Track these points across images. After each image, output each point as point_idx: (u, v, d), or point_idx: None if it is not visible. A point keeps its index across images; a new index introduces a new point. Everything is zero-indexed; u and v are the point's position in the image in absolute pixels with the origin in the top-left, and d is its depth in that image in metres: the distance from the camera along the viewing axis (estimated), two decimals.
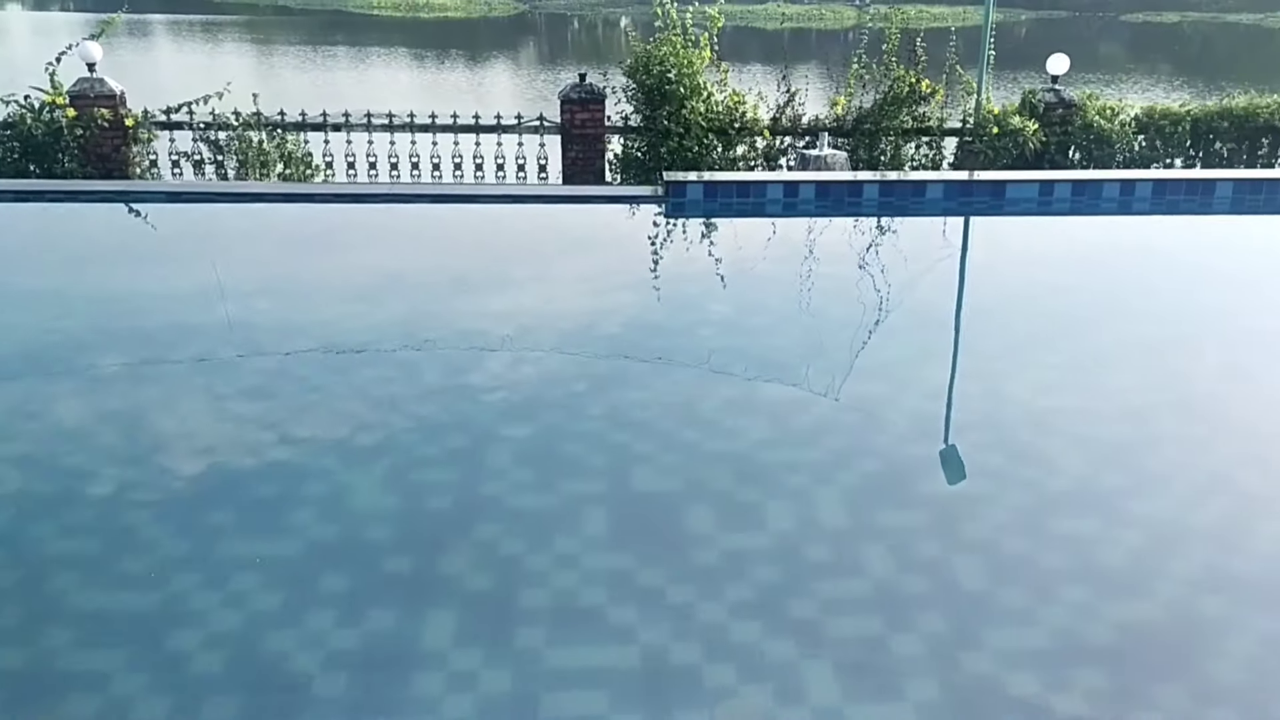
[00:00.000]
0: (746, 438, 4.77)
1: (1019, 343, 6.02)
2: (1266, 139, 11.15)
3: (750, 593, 3.61)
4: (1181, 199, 8.32)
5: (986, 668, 3.28)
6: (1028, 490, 4.33)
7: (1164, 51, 43.35)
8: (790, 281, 6.99)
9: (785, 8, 52.43)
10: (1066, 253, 7.88)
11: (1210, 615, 3.54)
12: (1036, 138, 10.49)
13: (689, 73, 10.50)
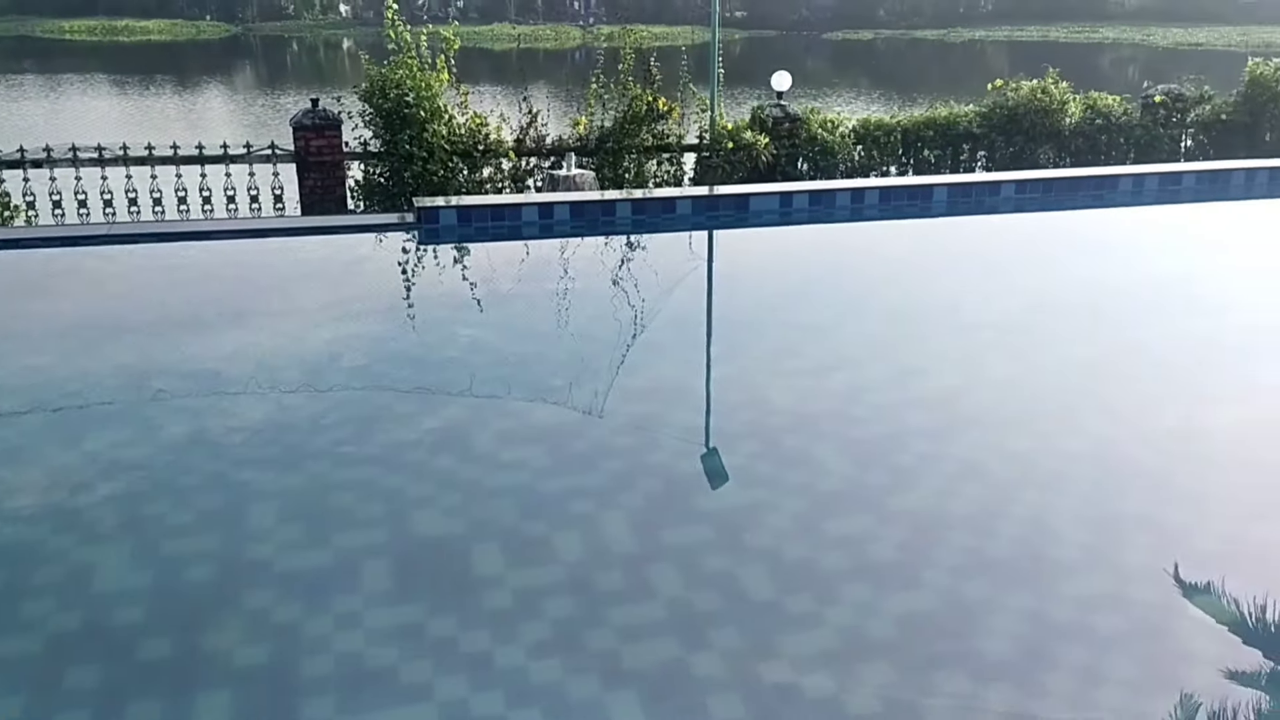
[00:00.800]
0: (526, 468, 4.67)
1: (774, 350, 6.25)
2: (967, 145, 12.23)
3: (547, 630, 3.51)
4: (905, 203, 8.96)
5: (784, 675, 3.34)
6: (801, 495, 4.47)
7: (863, 66, 46.80)
8: (551, 303, 6.95)
9: (511, 29, 52.72)
10: (808, 259, 8.29)
11: (976, 598, 3.77)
12: (768, 151, 11.01)
13: (428, 95, 10.29)
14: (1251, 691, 3.27)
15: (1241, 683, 3.29)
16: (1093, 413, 5.37)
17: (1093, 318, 6.79)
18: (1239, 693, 3.25)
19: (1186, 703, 3.17)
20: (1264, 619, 3.56)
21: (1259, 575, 3.87)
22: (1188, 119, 12.68)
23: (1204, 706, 3.16)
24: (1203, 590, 3.76)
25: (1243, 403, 5.42)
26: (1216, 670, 3.36)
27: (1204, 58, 32.40)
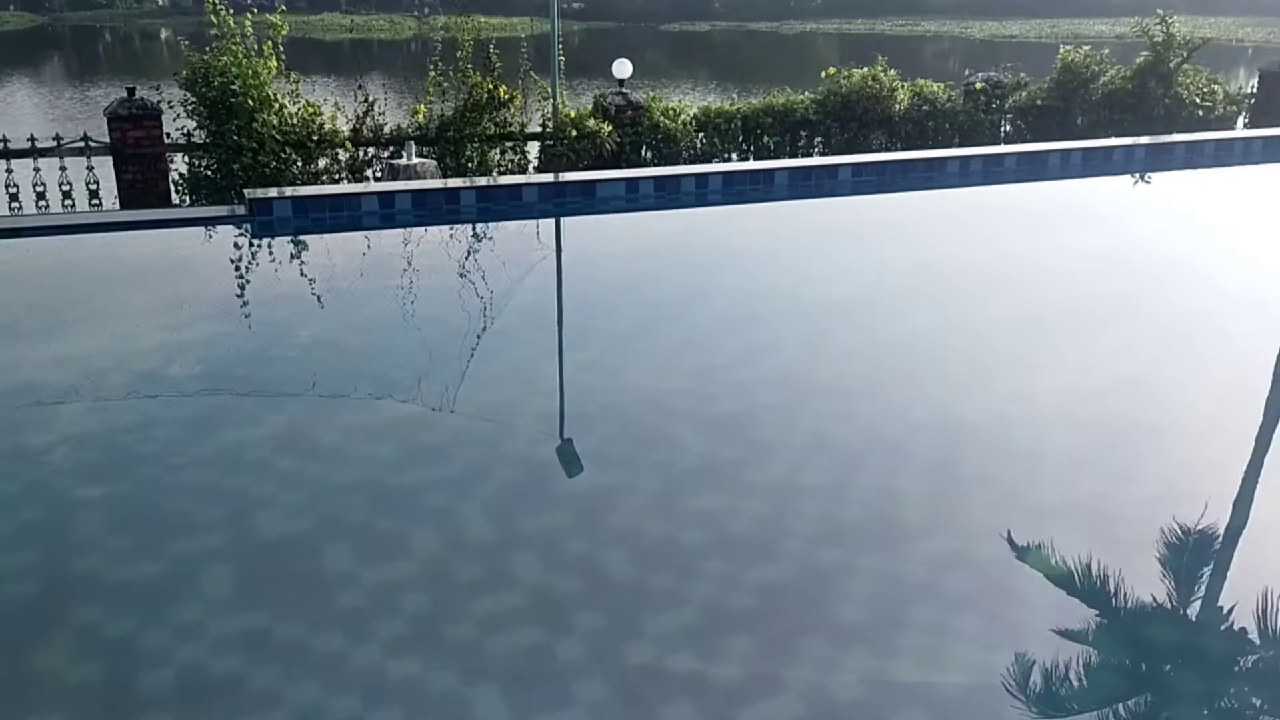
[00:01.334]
0: (376, 463, 4.51)
1: (626, 333, 6.25)
2: (804, 131, 12.53)
3: (404, 626, 3.40)
4: (748, 188, 9.11)
5: (648, 655, 3.33)
6: (659, 474, 4.48)
7: (700, 57, 47.48)
8: (397, 296, 6.76)
9: (344, 18, 51.12)
10: (656, 244, 8.33)
11: (831, 565, 3.84)
12: (612, 139, 11.02)
13: (255, 84, 9.85)
14: (1080, 646, 3.44)
15: (1073, 638, 3.46)
16: (933, 382, 5.57)
17: (929, 292, 7.05)
18: (1071, 647, 3.41)
19: (1022, 660, 3.31)
20: (1090, 575, 3.76)
21: (1088, 532, 4.08)
22: (1006, 105, 13.34)
23: (1039, 663, 3.31)
24: (1038, 548, 3.94)
25: (1072, 370, 5.72)
26: (1051, 625, 3.53)
27: (1017, 48, 34.20)
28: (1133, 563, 3.85)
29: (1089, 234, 8.70)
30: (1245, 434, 4.93)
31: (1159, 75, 13.51)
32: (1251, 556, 4.02)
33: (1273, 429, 5.04)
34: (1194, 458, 4.78)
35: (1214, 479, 4.52)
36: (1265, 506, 4.29)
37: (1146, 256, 8.12)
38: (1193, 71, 14.01)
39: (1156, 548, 3.96)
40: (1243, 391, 5.48)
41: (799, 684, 3.21)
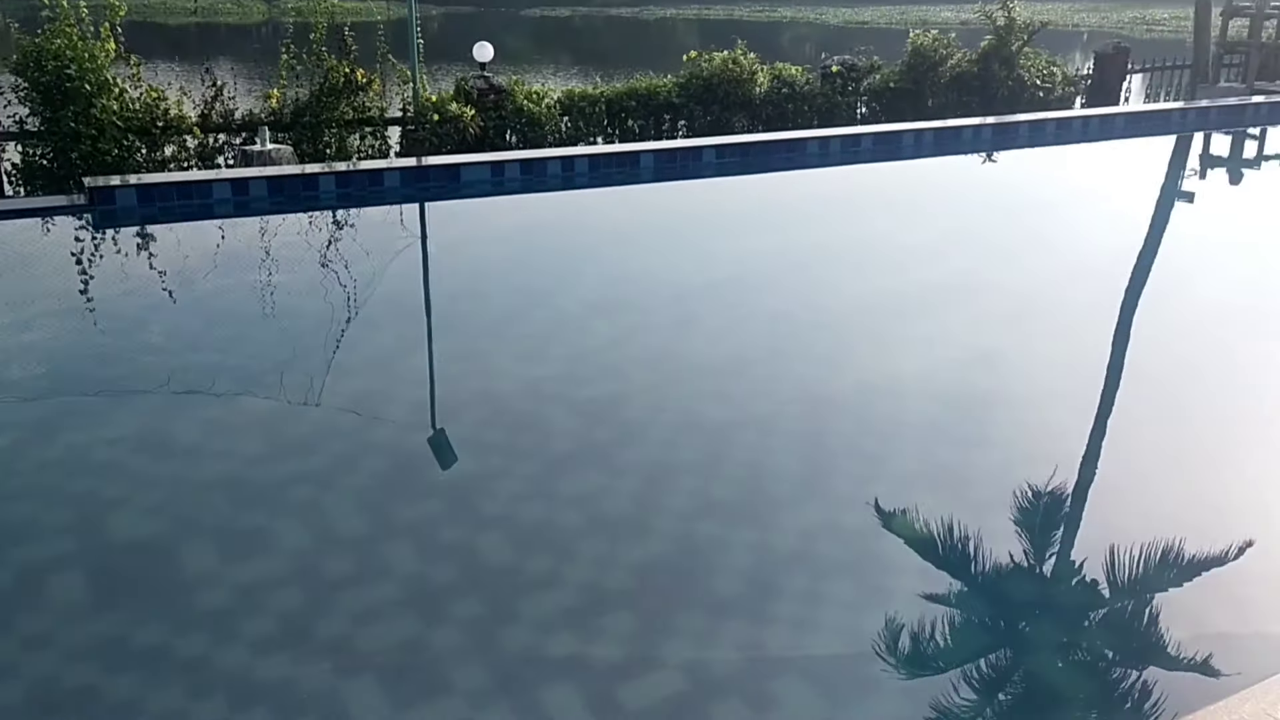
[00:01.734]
0: (237, 458, 4.35)
1: (496, 319, 6.18)
2: (668, 115, 12.59)
3: (272, 625, 3.29)
4: (614, 170, 9.10)
5: (526, 638, 3.31)
6: (533, 458, 4.45)
7: (562, 42, 47.21)
8: (254, 286, 6.51)
9: (187, 1, 48.88)
10: (524, 228, 8.24)
11: (706, 539, 3.89)
12: (475, 123, 10.85)
13: (93, 67, 9.30)
14: (944, 607, 3.57)
15: (937, 600, 3.59)
16: (798, 359, 5.69)
17: (793, 272, 7.19)
18: (935, 608, 3.54)
19: (891, 623, 3.42)
20: (951, 538, 3.90)
21: (949, 498, 4.24)
22: (861, 87, 13.69)
23: (907, 625, 3.42)
24: (902, 514, 4.07)
25: (928, 343, 5.91)
26: (917, 589, 3.65)
27: (870, 34, 35.12)
28: (991, 524, 4.02)
29: (942, 212, 9.02)
30: (1089, 398, 5.19)
31: (1002, 58, 14.07)
32: (1099, 512, 4.24)
33: (1114, 391, 5.33)
34: (1043, 422, 5.00)
35: (1062, 441, 4.75)
36: (1109, 464, 4.54)
37: (994, 232, 8.46)
38: (1033, 54, 14.63)
39: (1011, 509, 4.14)
40: (1086, 358, 5.77)
41: (678, 659, 3.24)
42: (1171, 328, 6.32)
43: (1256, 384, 5.47)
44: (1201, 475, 4.53)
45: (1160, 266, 7.56)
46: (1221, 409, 5.17)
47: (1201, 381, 5.53)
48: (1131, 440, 4.78)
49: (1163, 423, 5.00)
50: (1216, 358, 5.85)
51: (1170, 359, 5.86)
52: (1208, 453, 4.72)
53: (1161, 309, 6.59)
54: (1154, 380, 5.51)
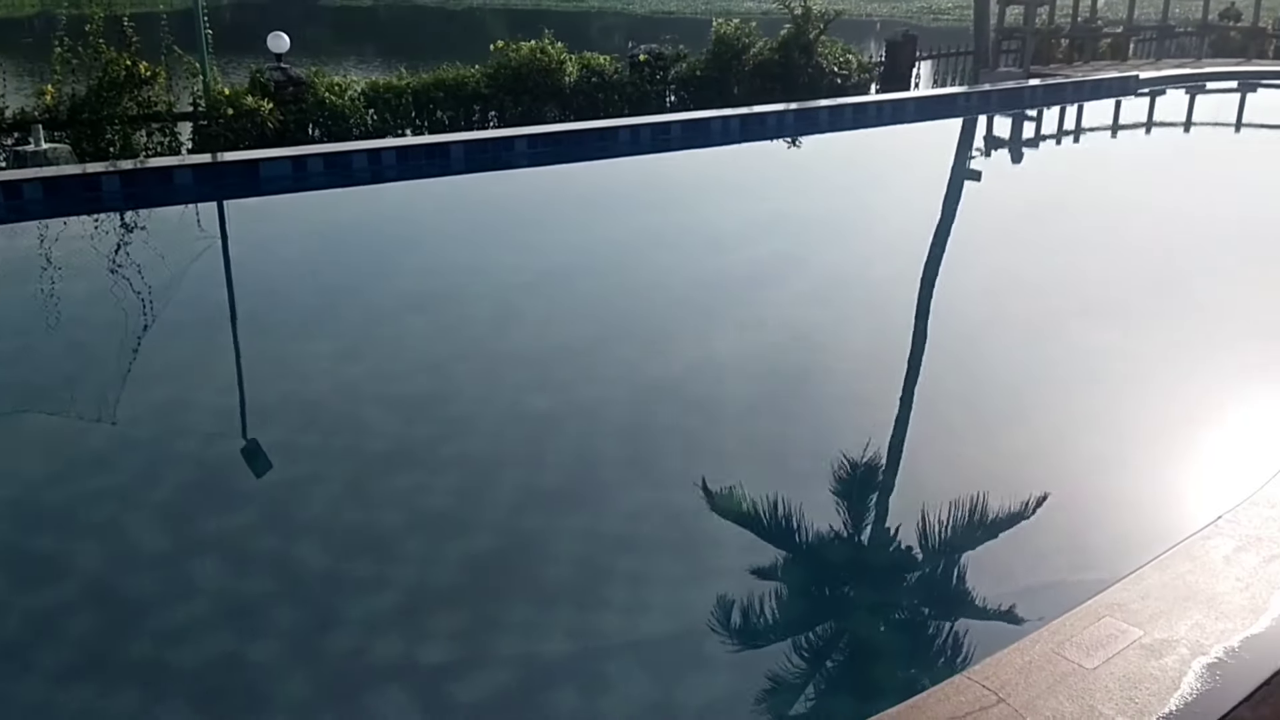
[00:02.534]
0: (20, 481, 4.01)
1: (305, 319, 5.94)
2: (478, 106, 12.42)
3: (71, 653, 3.05)
4: (423, 162, 8.91)
5: (349, 643, 3.19)
6: (350, 458, 4.30)
7: (365, 33, 45.92)
8: (34, 295, 6.03)
9: None
10: (331, 224, 7.96)
11: (534, 530, 3.85)
12: (274, 116, 10.40)
13: None
14: (772, 580, 3.66)
15: (764, 574, 3.67)
16: (622, 344, 5.71)
17: (610, 260, 7.23)
18: (763, 583, 3.62)
19: (723, 599, 3.47)
20: (775, 513, 4.00)
21: (770, 474, 4.34)
22: (669, 76, 13.88)
23: (738, 601, 3.48)
24: (728, 493, 4.14)
25: (748, 325, 6.05)
26: (745, 564, 3.73)
27: (676, 24, 35.65)
28: (812, 496, 4.13)
29: (752, 196, 9.25)
30: (898, 369, 5.43)
31: (801, 46, 14.55)
32: (910, 477, 4.44)
33: (919, 360, 5.59)
34: (857, 395, 5.19)
35: (875, 412, 4.94)
36: (918, 431, 4.75)
37: (803, 215, 8.74)
38: (830, 43, 15.20)
39: (830, 481, 4.27)
40: (892, 331, 6.03)
41: (509, 651, 3.19)
42: (967, 298, 6.67)
43: (1046, 349, 5.84)
44: (1000, 437, 4.79)
45: (954, 241, 7.99)
46: (1015, 373, 5.50)
47: (996, 348, 5.87)
48: (936, 407, 5.02)
49: (963, 389, 5.28)
50: (1009, 325, 6.22)
51: (966, 328, 6.19)
52: (1005, 415, 5.01)
53: (957, 281, 6.96)
54: (953, 348, 5.82)
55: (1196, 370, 5.41)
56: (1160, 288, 6.79)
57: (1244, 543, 2.75)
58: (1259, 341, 5.74)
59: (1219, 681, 2.21)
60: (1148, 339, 5.90)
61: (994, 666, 2.23)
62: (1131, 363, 5.48)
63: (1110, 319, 6.15)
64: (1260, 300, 6.43)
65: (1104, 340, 5.76)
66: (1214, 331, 5.94)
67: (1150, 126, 14.08)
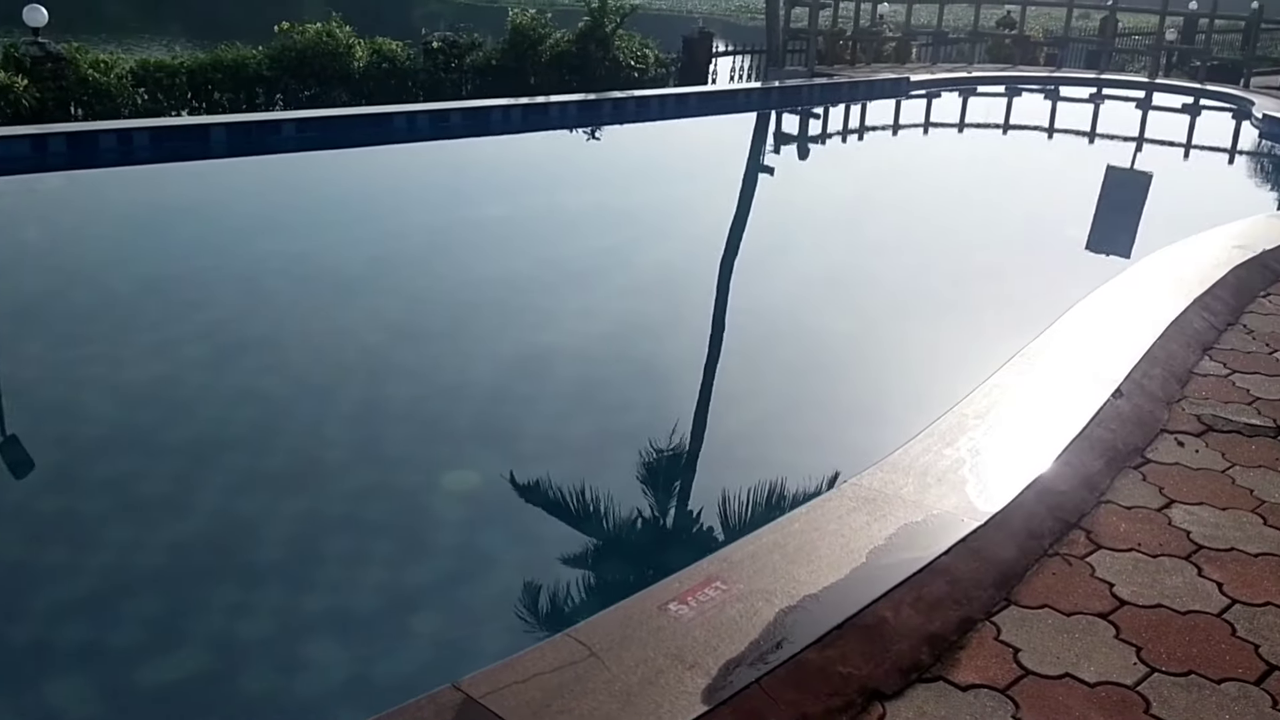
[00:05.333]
0: None
1: (23, 304, 5.73)
2: (260, 89, 12.09)
3: None
4: (180, 144, 8.63)
5: (34, 631, 3.17)
6: (58, 447, 4.21)
7: (167, 10, 43.60)
8: None
9: None
10: (64, 207, 7.63)
11: (250, 513, 3.86)
12: (30, 94, 9.85)
13: None
14: (580, 570, 3.75)
15: (573, 562, 3.74)
16: (370, 330, 5.72)
17: (348, 249, 7.22)
18: (571, 570, 3.73)
19: (530, 586, 3.53)
20: (584, 500, 4.03)
21: (583, 463, 4.40)
22: (465, 64, 13.87)
23: (545, 587, 3.57)
24: (536, 485, 4.12)
25: (559, 318, 6.16)
26: (560, 552, 3.78)
27: (498, 12, 35.43)
28: (620, 484, 4.18)
29: (530, 188, 9.39)
30: (699, 358, 5.64)
31: (597, 39, 14.79)
32: (712, 461, 4.59)
33: (718, 349, 5.81)
34: (663, 383, 5.33)
35: (681, 401, 5.07)
36: (719, 417, 4.91)
37: (605, 207, 8.88)
38: (627, 36, 15.51)
39: (638, 469, 4.33)
40: (694, 320, 6.21)
41: (205, 632, 3.21)
42: (762, 287, 6.92)
43: (834, 335, 6.15)
44: (794, 416, 5.00)
45: (749, 232, 8.34)
46: (807, 355, 5.78)
47: (791, 332, 6.13)
48: (735, 393, 5.21)
49: (760, 374, 5.49)
50: (803, 313, 6.49)
51: (764, 316, 6.40)
52: (798, 396, 5.24)
53: (751, 270, 7.27)
54: (751, 336, 6.06)
55: (922, 351, 5.87)
56: (913, 278, 7.31)
57: (858, 504, 3.08)
58: (970, 328, 6.26)
59: (795, 627, 2.49)
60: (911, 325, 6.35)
61: (595, 624, 2.44)
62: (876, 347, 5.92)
63: (868, 305, 6.61)
64: (960, 291, 7.02)
65: (856, 325, 6.20)
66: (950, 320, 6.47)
67: (928, 127, 15.00)
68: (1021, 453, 3.46)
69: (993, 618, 2.70)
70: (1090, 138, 14.24)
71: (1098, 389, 3.94)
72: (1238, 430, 3.84)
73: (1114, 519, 3.19)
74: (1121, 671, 2.50)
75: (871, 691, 2.38)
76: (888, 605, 2.63)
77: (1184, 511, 3.25)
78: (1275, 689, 2.47)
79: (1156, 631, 2.66)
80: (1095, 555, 2.99)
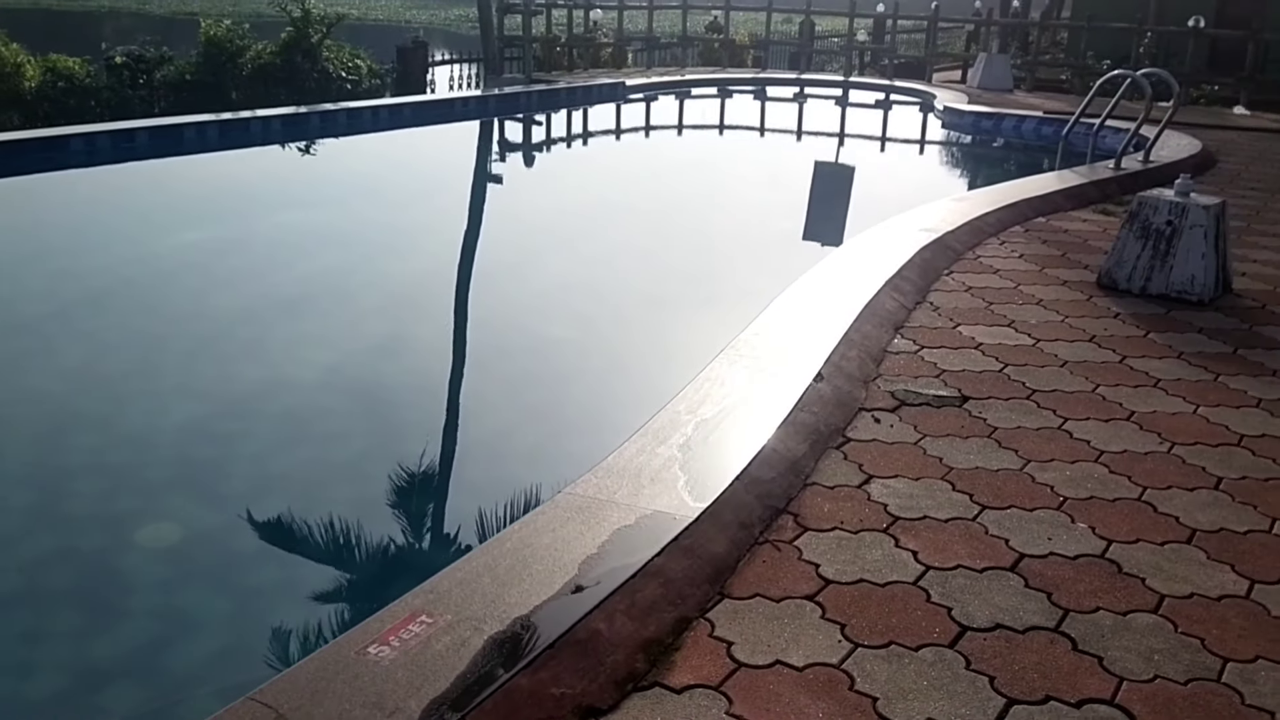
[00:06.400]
0: None
1: None
2: None
3: None
4: None
5: None
6: None
7: None
8: None
9: None
10: None
11: None
12: None
13: None
14: (336, 604, 3.47)
15: (325, 598, 3.48)
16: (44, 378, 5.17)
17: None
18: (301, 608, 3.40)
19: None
20: (331, 532, 3.79)
21: (325, 493, 4.10)
22: (155, 79, 12.90)
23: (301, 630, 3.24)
24: (274, 519, 3.85)
25: (298, 346, 5.71)
26: (300, 591, 3.49)
27: (191, 26, 33.48)
28: (370, 512, 3.98)
29: (268, 209, 8.82)
30: (444, 375, 5.42)
31: (304, 50, 14.17)
32: (465, 477, 4.47)
33: (461, 365, 5.61)
34: (408, 406, 5.11)
35: (429, 420, 4.90)
36: (468, 433, 4.78)
37: (330, 226, 8.41)
38: (337, 47, 14.96)
39: (389, 494, 4.15)
40: (436, 338, 5.99)
41: None
42: (498, 298, 6.75)
43: (561, 342, 6.05)
44: (521, 431, 4.87)
45: (484, 244, 8.14)
46: (537, 365, 5.65)
47: (520, 344, 5.99)
48: (479, 408, 5.07)
49: (503, 388, 5.36)
50: (532, 323, 6.35)
51: (503, 326, 6.27)
52: (532, 408, 5.12)
53: (488, 283, 7.08)
54: (492, 348, 5.90)
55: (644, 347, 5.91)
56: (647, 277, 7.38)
57: (571, 513, 3.01)
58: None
59: (505, 653, 2.38)
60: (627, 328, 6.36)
61: (284, 681, 2.23)
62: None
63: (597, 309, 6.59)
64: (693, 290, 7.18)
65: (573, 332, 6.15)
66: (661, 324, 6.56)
67: (648, 130, 15.34)
68: (731, 444, 3.51)
69: (707, 614, 2.69)
70: (798, 135, 15.02)
71: (801, 374, 4.07)
72: (927, 403, 4.08)
73: (818, 500, 3.28)
74: (827, 651, 2.55)
75: (586, 709, 2.30)
76: (601, 616, 2.56)
77: (881, 485, 3.39)
78: (967, 649, 2.58)
79: (858, 606, 2.74)
80: (802, 538, 3.06)
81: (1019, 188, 8.31)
